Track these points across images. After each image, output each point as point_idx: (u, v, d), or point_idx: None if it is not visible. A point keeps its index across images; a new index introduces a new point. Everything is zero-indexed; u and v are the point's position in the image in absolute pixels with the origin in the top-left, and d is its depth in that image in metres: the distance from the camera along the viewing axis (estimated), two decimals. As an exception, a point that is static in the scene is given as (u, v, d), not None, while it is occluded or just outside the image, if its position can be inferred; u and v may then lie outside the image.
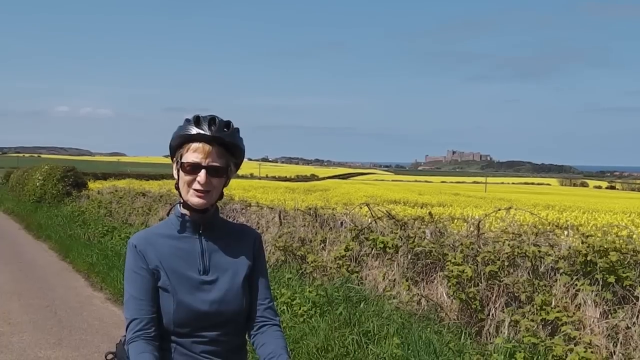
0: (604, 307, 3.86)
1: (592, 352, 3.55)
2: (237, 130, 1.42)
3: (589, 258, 3.89)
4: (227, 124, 1.40)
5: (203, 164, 1.38)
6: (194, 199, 1.40)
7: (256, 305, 1.50)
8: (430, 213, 5.61)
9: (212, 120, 1.38)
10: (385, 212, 5.84)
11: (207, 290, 1.42)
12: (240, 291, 1.45)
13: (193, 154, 1.38)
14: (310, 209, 7.03)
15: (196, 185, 1.39)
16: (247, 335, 1.54)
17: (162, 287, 1.41)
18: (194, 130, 1.37)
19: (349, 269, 5.55)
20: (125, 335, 1.43)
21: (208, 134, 1.37)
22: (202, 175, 1.37)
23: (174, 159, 1.44)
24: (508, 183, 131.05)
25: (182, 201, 1.44)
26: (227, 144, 1.40)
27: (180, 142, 1.41)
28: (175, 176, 1.43)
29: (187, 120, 1.40)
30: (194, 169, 1.38)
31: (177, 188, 1.43)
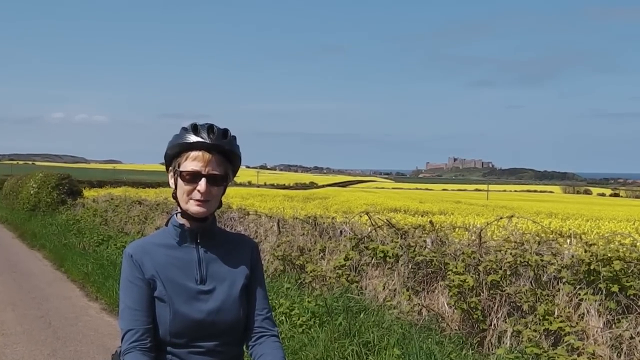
0: (608, 316, 3.83)
1: (596, 362, 3.51)
2: (235, 138, 1.43)
3: (592, 267, 3.86)
4: (225, 131, 1.40)
5: (203, 173, 1.37)
6: (193, 208, 1.39)
7: (254, 315, 1.48)
8: (431, 221, 5.57)
9: (210, 128, 1.38)
10: (385, 220, 5.80)
11: (204, 300, 1.40)
12: (237, 301, 1.44)
13: (192, 162, 1.38)
14: (309, 217, 6.99)
15: (196, 195, 1.38)
16: (245, 346, 1.52)
17: (159, 297, 1.39)
18: (193, 139, 1.37)
19: (348, 279, 5.50)
20: (120, 346, 1.40)
21: (208, 142, 1.37)
22: (202, 184, 1.37)
23: (170, 168, 1.43)
24: (510, 190, 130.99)
25: (180, 210, 1.43)
26: (226, 152, 1.40)
27: (178, 150, 1.40)
28: (172, 185, 1.42)
29: (185, 129, 1.39)
30: (193, 177, 1.38)
31: (175, 197, 1.42)
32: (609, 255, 3.85)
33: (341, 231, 6.33)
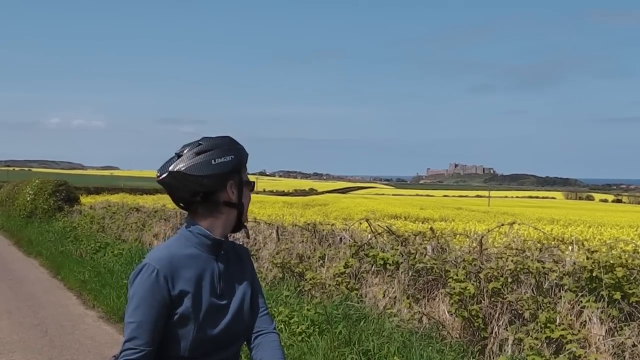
0: (610, 324, 3.80)
1: (599, 371, 3.47)
2: None
3: (594, 274, 3.83)
4: None
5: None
6: (247, 217, 1.48)
7: (255, 317, 1.52)
8: (431, 228, 5.54)
9: None
10: (385, 227, 5.77)
11: (224, 313, 1.41)
12: (249, 309, 1.47)
13: (245, 172, 1.46)
14: (308, 224, 6.95)
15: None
16: (248, 347, 1.55)
17: (184, 314, 1.35)
18: (245, 150, 1.44)
19: (348, 286, 5.45)
20: (115, 356, 1.38)
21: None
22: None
23: (231, 181, 1.41)
24: (512, 197, 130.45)
25: (239, 222, 1.45)
26: None
27: (243, 162, 1.44)
28: (233, 197, 1.41)
29: (233, 141, 1.42)
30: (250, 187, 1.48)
31: (241, 208, 1.43)
32: (611, 262, 3.82)
33: (341, 238, 6.28)
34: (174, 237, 1.45)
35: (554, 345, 3.84)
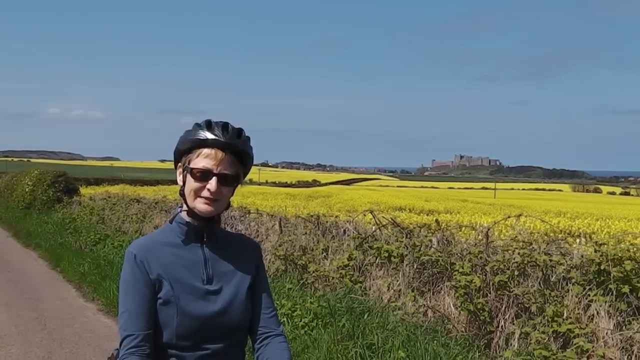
0: (618, 318, 3.77)
1: (607, 365, 3.43)
2: (249, 138, 1.41)
3: (602, 267, 3.80)
4: (240, 131, 1.38)
5: (215, 171, 1.35)
6: (201, 207, 1.36)
7: (259, 315, 1.48)
8: (437, 220, 5.48)
9: (225, 126, 1.36)
10: (390, 219, 5.72)
11: (211, 300, 1.38)
12: (244, 301, 1.43)
13: (204, 159, 1.35)
14: (312, 216, 6.91)
15: (205, 193, 1.36)
16: (251, 346, 1.51)
17: (165, 298, 1.35)
18: (208, 135, 1.34)
19: (352, 279, 5.41)
20: (117, 349, 1.37)
21: (222, 140, 1.35)
22: (213, 182, 1.35)
23: (180, 164, 1.41)
24: (518, 189, 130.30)
25: (186, 208, 1.40)
26: (239, 152, 1.38)
27: (189, 146, 1.37)
28: (180, 182, 1.40)
29: (198, 125, 1.37)
30: (204, 175, 1.35)
31: (182, 194, 1.39)
32: (619, 255, 3.79)
33: (345, 230, 6.24)
34: (162, 227, 1.48)
35: (561, 340, 3.82)
